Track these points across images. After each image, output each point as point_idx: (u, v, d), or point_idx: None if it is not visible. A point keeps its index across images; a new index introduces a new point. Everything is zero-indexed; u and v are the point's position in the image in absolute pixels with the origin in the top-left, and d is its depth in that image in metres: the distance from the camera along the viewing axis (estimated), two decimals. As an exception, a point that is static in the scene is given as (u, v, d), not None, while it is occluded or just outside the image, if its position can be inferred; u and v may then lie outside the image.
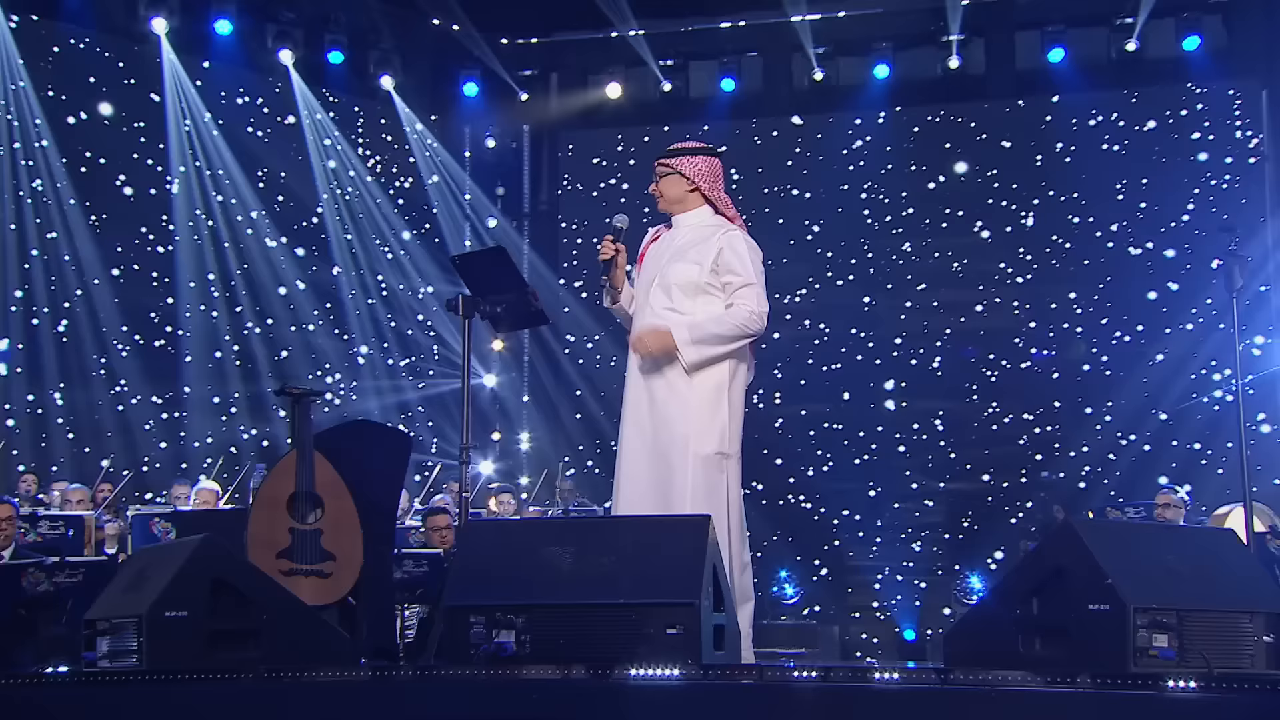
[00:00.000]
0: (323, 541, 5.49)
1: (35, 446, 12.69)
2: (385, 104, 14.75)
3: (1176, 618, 3.97)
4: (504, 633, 4.04)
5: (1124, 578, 3.96)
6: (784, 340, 14.67)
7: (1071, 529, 4.08)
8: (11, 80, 12.73)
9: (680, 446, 5.21)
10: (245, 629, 4.54)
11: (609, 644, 3.98)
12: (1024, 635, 4.14)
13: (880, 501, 14.34)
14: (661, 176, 5.48)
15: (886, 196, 14.68)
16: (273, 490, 5.54)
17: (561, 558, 4.17)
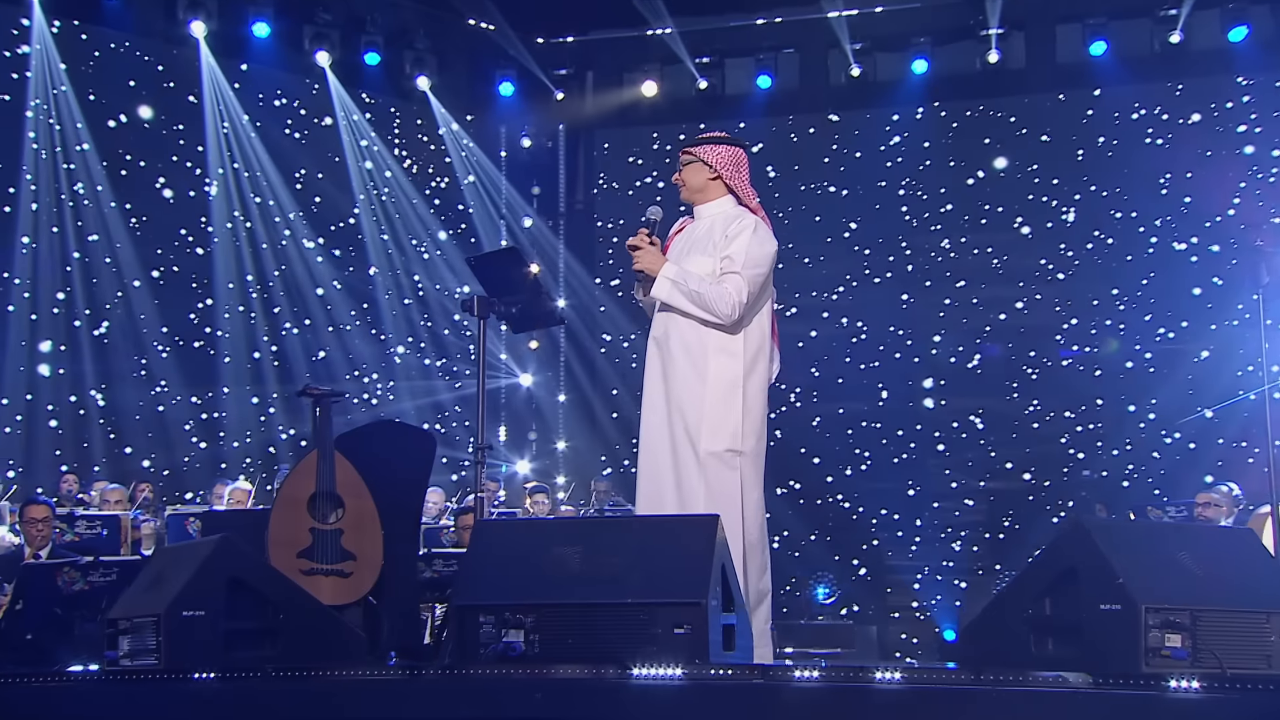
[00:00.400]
0: (343, 541, 5.55)
1: (77, 447, 12.87)
2: (421, 104, 14.84)
3: (1190, 618, 3.95)
4: (513, 632, 4.07)
5: (1136, 577, 3.95)
6: (821, 338, 14.66)
7: (1083, 528, 4.06)
8: (53, 85, 12.92)
9: (692, 443, 5.19)
10: (262, 628, 4.60)
11: (617, 644, 4.00)
12: (1036, 635, 4.14)
13: (919, 501, 14.27)
14: (685, 165, 5.48)
15: (925, 193, 14.61)
16: (293, 490, 5.61)
17: (570, 557, 4.20)
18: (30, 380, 12.65)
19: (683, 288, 5.18)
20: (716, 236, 5.32)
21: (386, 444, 6.53)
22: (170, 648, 4.43)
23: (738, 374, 5.24)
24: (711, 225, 5.39)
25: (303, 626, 4.64)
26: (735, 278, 5.22)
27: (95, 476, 12.24)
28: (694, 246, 5.36)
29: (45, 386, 12.74)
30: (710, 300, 5.17)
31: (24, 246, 12.69)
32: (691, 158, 5.47)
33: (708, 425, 5.22)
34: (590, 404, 15.21)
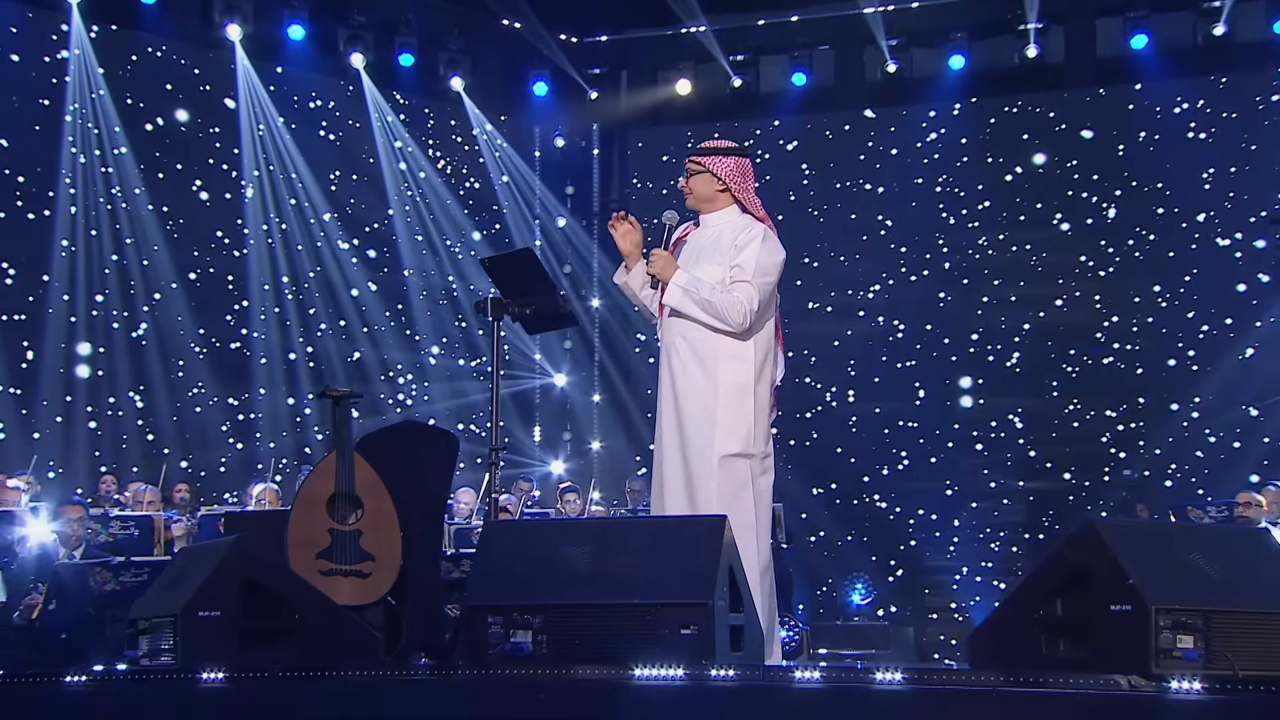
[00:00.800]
0: (362, 542, 5.61)
1: (115, 448, 13.04)
2: (455, 105, 14.94)
3: (1203, 619, 3.93)
4: (521, 633, 4.11)
5: (1147, 578, 3.93)
6: (856, 337, 14.64)
7: (1094, 529, 4.04)
8: (92, 89, 13.10)
9: (705, 447, 5.27)
10: (278, 628, 4.66)
11: (624, 644, 4.03)
12: (1047, 636, 4.12)
13: (957, 501, 14.23)
14: (692, 174, 5.52)
15: (962, 190, 14.56)
16: (312, 491, 5.67)
17: (578, 558, 4.23)
18: (69, 382, 12.83)
19: (694, 295, 5.25)
20: (725, 246, 5.36)
21: (410, 445, 6.60)
22: (186, 648, 4.49)
23: (748, 379, 5.32)
24: (719, 234, 5.44)
25: (318, 627, 4.70)
26: (746, 286, 5.29)
27: (133, 477, 12.39)
28: (702, 255, 5.41)
29: (84, 388, 12.92)
30: (722, 309, 5.24)
31: (63, 250, 12.87)
32: (700, 168, 5.50)
33: (721, 429, 5.30)
34: (624, 404, 15.25)
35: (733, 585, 4.25)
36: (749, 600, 4.39)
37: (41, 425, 12.63)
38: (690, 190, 5.53)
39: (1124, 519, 10.45)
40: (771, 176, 14.78)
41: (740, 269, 5.29)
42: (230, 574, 4.63)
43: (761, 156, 14.97)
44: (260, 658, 4.56)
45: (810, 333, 14.66)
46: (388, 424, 8.34)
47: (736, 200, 5.51)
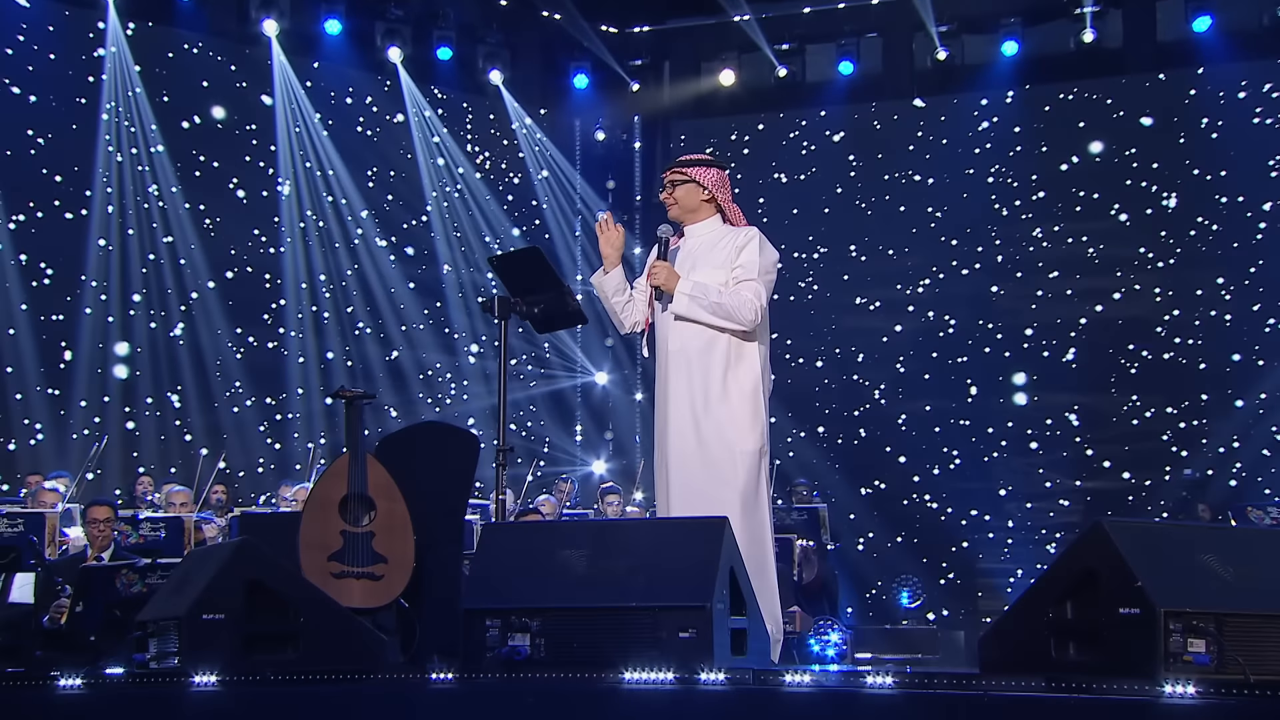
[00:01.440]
0: (374, 544, 5.68)
1: (155, 448, 13.26)
2: (494, 99, 15.05)
3: (1215, 622, 3.91)
4: (519, 636, 4.17)
5: (1156, 580, 3.90)
6: (906, 333, 14.58)
7: (1102, 529, 4.04)
8: (128, 87, 13.32)
9: (729, 449, 5.38)
10: (282, 631, 4.73)
11: (622, 648, 4.07)
12: (1057, 639, 4.11)
13: (1011, 501, 14.15)
14: (678, 184, 5.65)
15: (1015, 180, 14.47)
16: (325, 492, 5.75)
17: (576, 561, 4.28)
18: (107, 382, 13.06)
19: (701, 301, 5.42)
20: (723, 249, 5.53)
21: (430, 445, 6.67)
22: (190, 651, 4.57)
23: (756, 377, 5.49)
24: (711, 242, 5.62)
25: (323, 630, 4.76)
26: (753, 284, 5.50)
27: (171, 478, 12.60)
28: (698, 261, 5.56)
29: (122, 389, 13.15)
30: (732, 309, 5.43)
31: (100, 249, 13.11)
32: (685, 178, 5.69)
33: (736, 428, 5.42)
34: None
35: (734, 588, 4.28)
36: (753, 603, 4.42)
37: (80, 425, 12.86)
38: (675, 201, 5.72)
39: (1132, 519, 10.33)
40: (817, 168, 14.81)
41: (744, 268, 5.51)
42: (234, 577, 4.69)
43: (807, 148, 14.99)
44: (264, 661, 4.63)
45: (858, 328, 14.65)
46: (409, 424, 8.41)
47: (719, 209, 5.65)
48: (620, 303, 5.77)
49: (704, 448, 5.43)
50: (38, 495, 10.21)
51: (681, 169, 5.74)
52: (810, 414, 14.63)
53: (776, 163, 15.01)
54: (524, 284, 5.52)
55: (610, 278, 5.74)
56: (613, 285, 5.74)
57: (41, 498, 10.06)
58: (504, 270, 5.56)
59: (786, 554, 10.54)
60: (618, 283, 5.74)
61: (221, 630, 4.65)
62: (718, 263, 5.53)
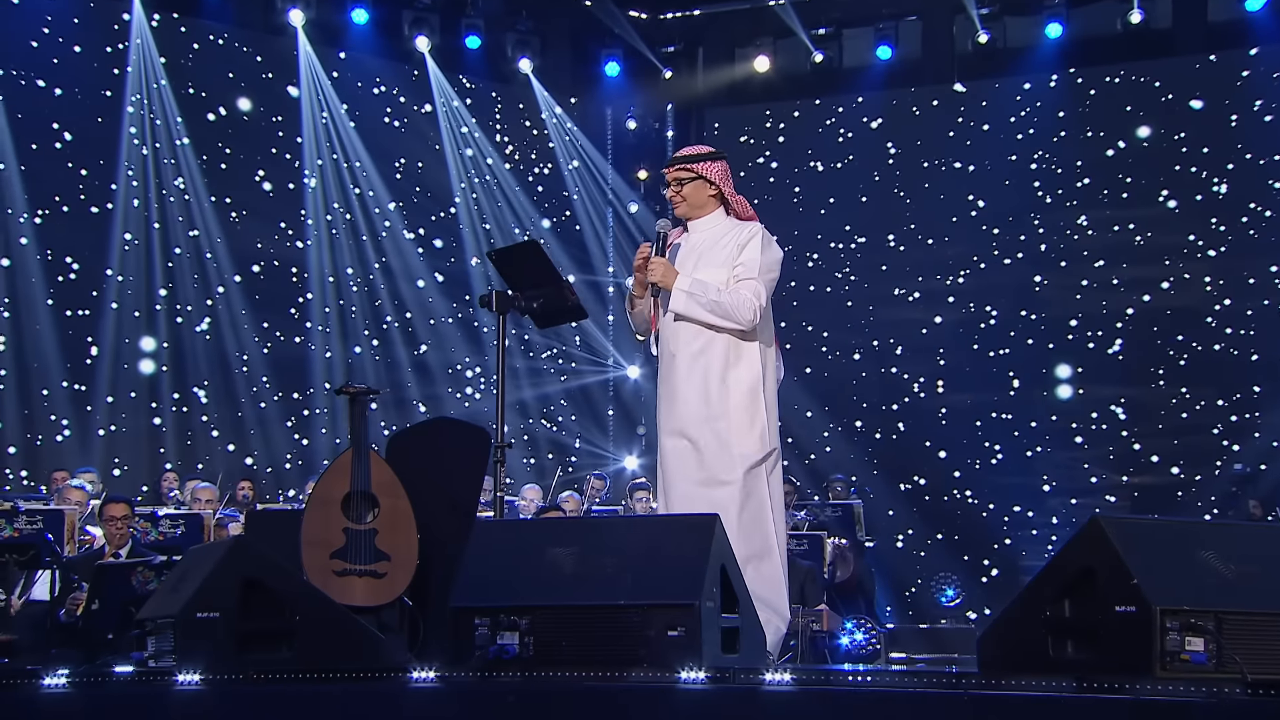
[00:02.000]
0: (377, 541, 5.76)
1: (181, 444, 13.45)
2: (523, 88, 15.13)
3: (1215, 620, 3.91)
4: (507, 635, 4.23)
5: (1152, 578, 3.91)
6: (946, 325, 14.55)
7: (1098, 525, 4.05)
8: (153, 80, 13.51)
9: (721, 450, 5.41)
10: (278, 630, 4.81)
11: (611, 646, 4.12)
12: (1054, 638, 4.13)
13: (1055, 497, 14.09)
14: (685, 182, 5.64)
15: (1059, 166, 14.40)
16: (327, 490, 5.83)
17: (565, 559, 4.34)
18: (133, 378, 13.25)
19: (700, 299, 5.43)
20: (725, 246, 5.55)
21: (441, 441, 6.75)
22: (184, 650, 4.66)
23: (756, 380, 5.53)
24: (714, 238, 5.62)
25: (320, 629, 4.83)
26: (752, 283, 5.49)
27: (199, 474, 12.78)
28: (701, 258, 5.56)
29: (148, 384, 13.35)
30: (730, 308, 5.43)
31: (126, 243, 13.30)
32: (692, 174, 5.65)
33: (737, 430, 5.44)
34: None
35: (726, 586, 4.32)
36: (746, 601, 4.46)
37: (107, 421, 13.06)
38: (683, 198, 5.67)
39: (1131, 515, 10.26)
40: (855, 156, 14.79)
41: (744, 266, 5.51)
42: (229, 575, 4.77)
43: (844, 135, 14.96)
44: (259, 660, 4.71)
45: (896, 320, 14.62)
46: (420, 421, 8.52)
47: (724, 203, 5.64)
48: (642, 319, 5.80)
49: (701, 449, 5.46)
50: (63, 492, 10.37)
51: (688, 165, 5.71)
52: (848, 408, 14.64)
53: (813, 151, 15.01)
54: (523, 278, 5.57)
55: (638, 311, 5.75)
56: (646, 307, 5.73)
57: (67, 495, 10.22)
58: (502, 264, 5.61)
59: (817, 551, 10.57)
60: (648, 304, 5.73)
61: (216, 629, 4.73)
62: (721, 260, 5.54)
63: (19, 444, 12.78)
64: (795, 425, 14.54)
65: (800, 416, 14.58)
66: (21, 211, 12.81)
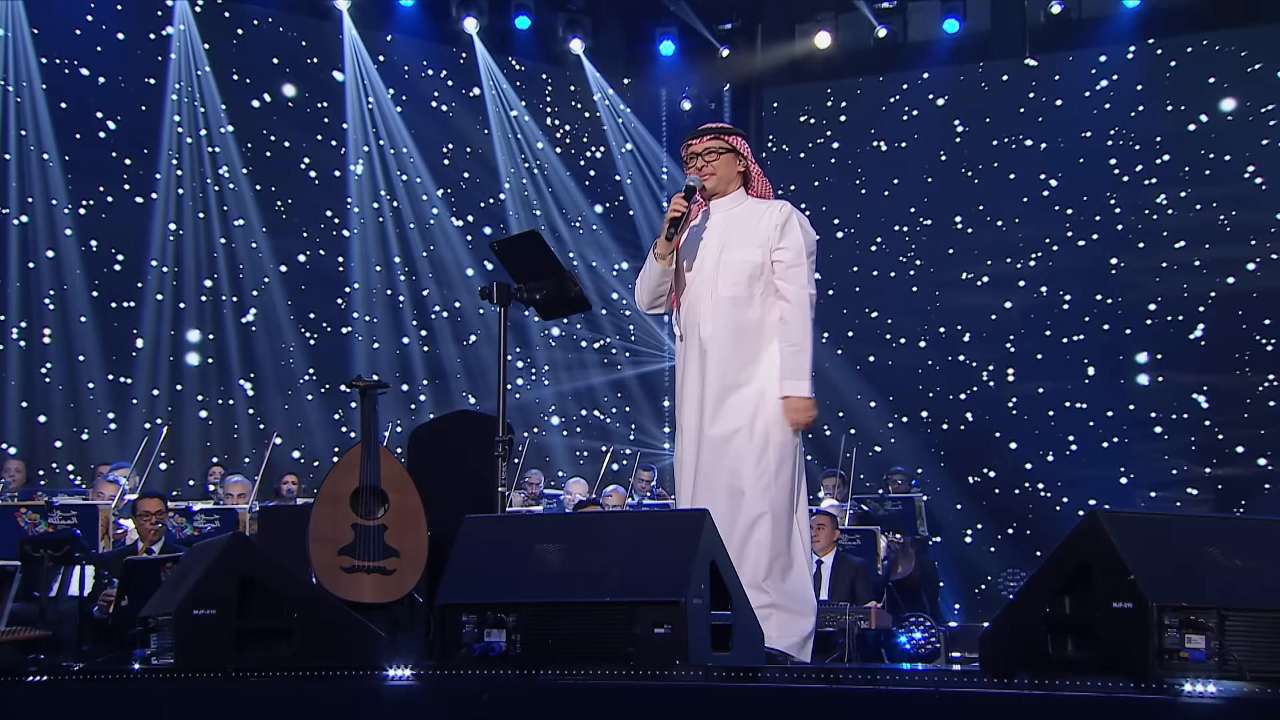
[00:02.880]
0: (386, 537, 5.90)
1: (228, 438, 13.73)
2: (574, 69, 15.24)
3: (1217, 617, 3.93)
4: (494, 632, 4.33)
5: (1150, 574, 3.93)
6: (1017, 310, 14.47)
7: (1095, 520, 4.08)
8: (196, 66, 13.78)
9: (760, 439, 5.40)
10: (276, 628, 4.95)
11: (597, 644, 4.20)
12: (1054, 635, 4.16)
13: (1134, 490, 13.97)
14: (719, 154, 5.61)
15: (1137, 142, 14.25)
16: (336, 485, 5.98)
17: (552, 555, 4.42)
18: (178, 370, 13.55)
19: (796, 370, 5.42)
20: (763, 227, 5.49)
21: (463, 434, 6.87)
22: (181, 647, 4.81)
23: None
24: (741, 217, 5.56)
25: (318, 627, 4.96)
26: (800, 271, 5.50)
27: (245, 468, 13.03)
28: (729, 240, 5.52)
29: (194, 377, 13.64)
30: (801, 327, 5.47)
31: (170, 234, 13.60)
32: (727, 147, 5.62)
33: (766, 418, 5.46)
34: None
35: (716, 582, 4.39)
36: (740, 599, 4.52)
37: (152, 415, 13.37)
38: (714, 172, 5.60)
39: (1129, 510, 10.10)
40: (920, 135, 14.75)
41: (789, 252, 5.49)
42: (226, 573, 4.91)
43: (909, 113, 14.91)
44: (256, 658, 4.86)
45: (964, 306, 14.57)
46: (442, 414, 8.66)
47: (745, 181, 5.64)
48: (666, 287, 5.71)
49: (730, 438, 5.44)
50: (97, 487, 10.66)
51: (722, 136, 5.68)
52: (912, 398, 14.61)
53: (876, 130, 14.99)
54: (526, 270, 5.63)
55: (655, 277, 5.67)
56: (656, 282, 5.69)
57: (100, 489, 10.50)
58: (505, 255, 5.69)
59: (870, 547, 10.61)
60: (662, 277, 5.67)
61: (213, 626, 4.88)
62: (756, 240, 5.50)
63: (65, 437, 13.11)
64: (857, 416, 14.57)
65: (863, 407, 14.60)
66: (66, 203, 13.12)
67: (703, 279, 5.57)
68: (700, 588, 4.28)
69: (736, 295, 5.48)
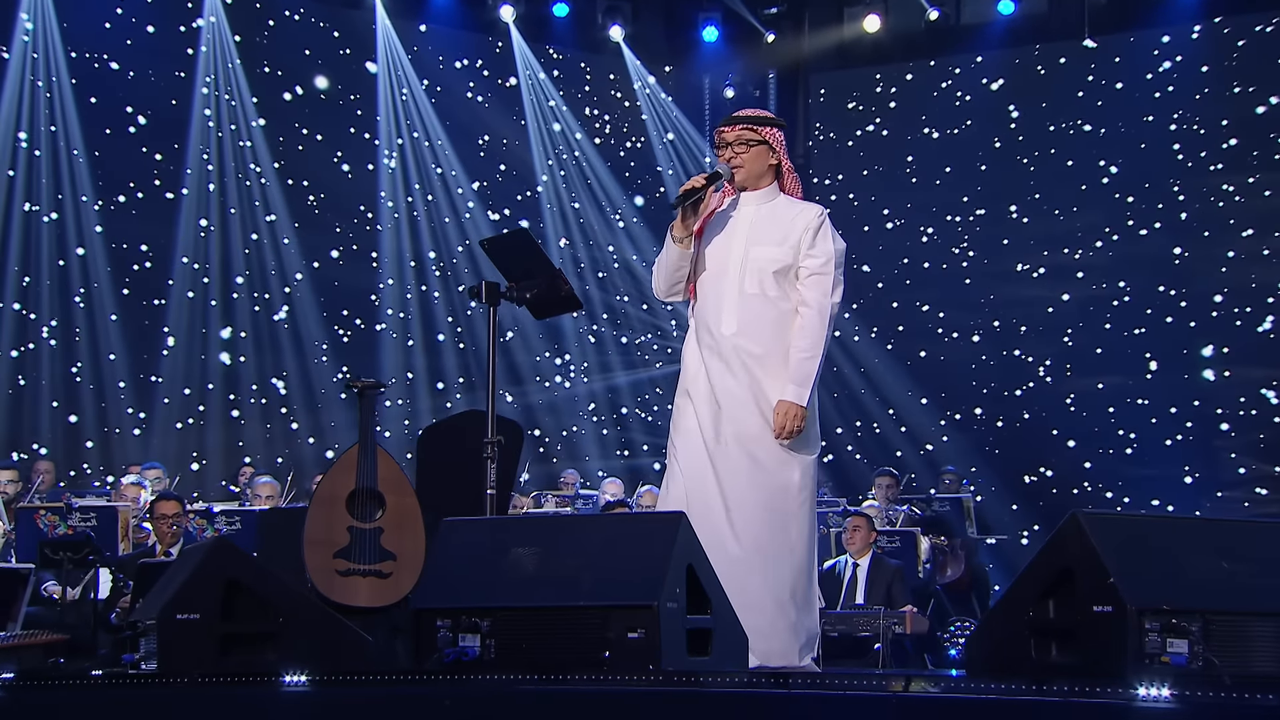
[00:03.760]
0: (383, 540, 6.02)
1: (260, 437, 13.96)
2: (614, 57, 15.31)
3: (1201, 622, 3.98)
4: (469, 637, 4.43)
5: (1130, 577, 3.99)
6: (1075, 302, 14.40)
7: (1076, 522, 4.13)
8: (227, 59, 14.01)
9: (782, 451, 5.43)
10: (260, 632, 5.08)
11: (571, 648, 4.30)
12: (1037, 639, 4.23)
13: (1199, 490, 13.86)
14: (751, 144, 5.58)
15: (1202, 126, 14.14)
16: (332, 488, 6.11)
17: (527, 559, 4.52)
18: (211, 369, 13.79)
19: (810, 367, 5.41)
20: (795, 227, 5.41)
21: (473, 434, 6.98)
22: (164, 651, 4.96)
23: None
24: (772, 213, 5.49)
25: (304, 630, 5.09)
26: (820, 280, 5.45)
27: (279, 468, 13.25)
28: (755, 236, 5.48)
29: (226, 375, 13.88)
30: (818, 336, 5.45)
31: (201, 230, 13.83)
32: (759, 138, 5.55)
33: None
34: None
35: (694, 586, 4.46)
36: (721, 602, 4.59)
37: (185, 414, 13.62)
38: (743, 165, 5.55)
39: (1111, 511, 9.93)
40: (973, 121, 14.71)
41: (818, 260, 5.45)
42: (210, 576, 5.06)
43: (962, 99, 14.88)
44: (241, 662, 4.99)
45: (1019, 298, 14.52)
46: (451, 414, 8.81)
47: (778, 177, 5.62)
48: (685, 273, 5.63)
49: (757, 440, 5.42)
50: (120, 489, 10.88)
51: (753, 126, 5.59)
52: (965, 394, 14.58)
53: (927, 116, 14.96)
54: (517, 268, 5.72)
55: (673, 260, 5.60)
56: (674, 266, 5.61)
57: (123, 491, 10.72)
58: (495, 254, 5.78)
59: (910, 549, 10.63)
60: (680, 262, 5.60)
61: (197, 630, 5.03)
62: (786, 241, 5.46)
63: (96, 438, 13.38)
64: (908, 413, 14.57)
65: (914, 404, 14.60)
66: (96, 199, 13.39)
67: (726, 273, 5.52)
68: (675, 591, 4.36)
69: (764, 293, 5.45)
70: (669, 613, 4.30)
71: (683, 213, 5.52)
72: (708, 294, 5.59)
